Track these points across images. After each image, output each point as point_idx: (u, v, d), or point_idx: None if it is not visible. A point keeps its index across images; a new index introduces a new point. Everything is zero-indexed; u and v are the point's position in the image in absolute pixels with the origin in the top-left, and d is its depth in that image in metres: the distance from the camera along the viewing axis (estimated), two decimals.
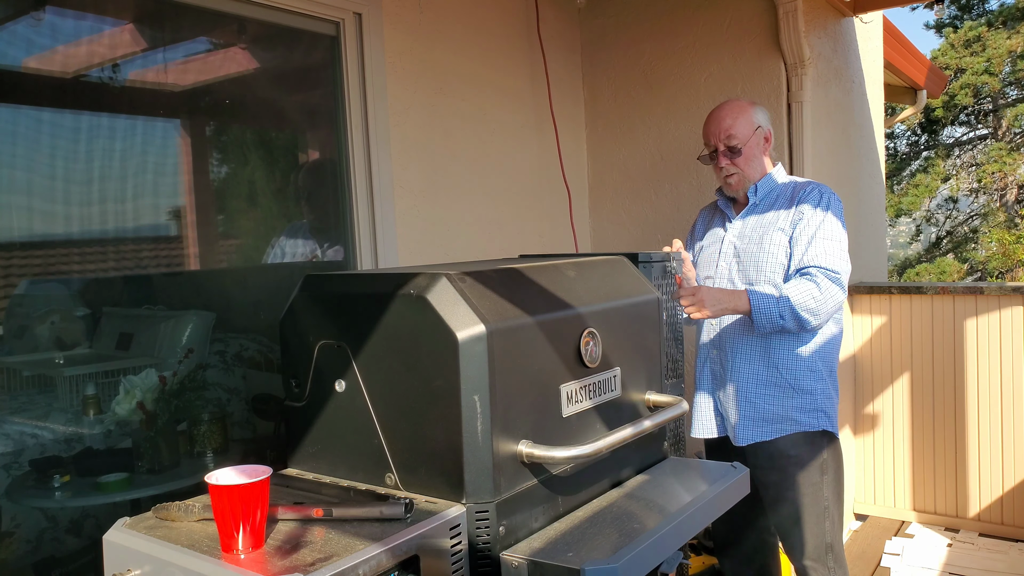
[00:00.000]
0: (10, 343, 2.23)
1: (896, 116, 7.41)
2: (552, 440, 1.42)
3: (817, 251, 2.18)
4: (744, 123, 2.32)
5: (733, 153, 2.31)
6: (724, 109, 2.36)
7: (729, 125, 2.31)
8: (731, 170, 2.33)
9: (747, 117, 2.33)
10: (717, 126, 2.33)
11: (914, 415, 3.89)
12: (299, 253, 2.83)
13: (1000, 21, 14.25)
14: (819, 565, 2.31)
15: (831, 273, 2.15)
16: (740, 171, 2.32)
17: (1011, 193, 14.62)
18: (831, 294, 2.13)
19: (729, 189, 2.38)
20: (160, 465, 2.34)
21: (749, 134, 2.32)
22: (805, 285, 2.13)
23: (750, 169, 2.33)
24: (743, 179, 2.34)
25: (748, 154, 2.32)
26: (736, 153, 2.31)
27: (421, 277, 1.36)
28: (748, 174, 2.33)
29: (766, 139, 2.37)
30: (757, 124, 2.34)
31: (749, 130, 2.32)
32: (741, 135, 2.31)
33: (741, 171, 2.32)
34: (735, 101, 2.39)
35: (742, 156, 2.31)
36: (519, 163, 3.51)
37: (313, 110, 2.91)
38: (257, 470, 1.18)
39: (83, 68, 2.30)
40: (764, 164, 2.37)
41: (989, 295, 3.65)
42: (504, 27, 3.45)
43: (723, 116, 2.34)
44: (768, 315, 2.12)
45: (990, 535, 3.72)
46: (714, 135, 2.34)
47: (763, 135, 2.36)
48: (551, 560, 1.27)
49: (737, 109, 2.34)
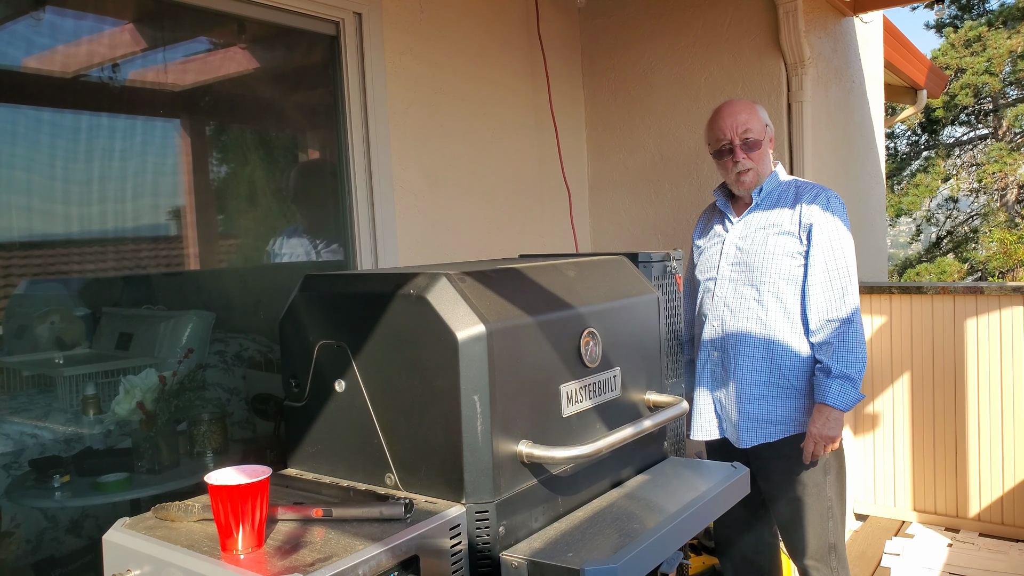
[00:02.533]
0: (10, 343, 2.23)
1: (896, 116, 7.42)
2: (552, 440, 1.42)
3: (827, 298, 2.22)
4: (757, 119, 2.36)
5: (750, 147, 2.32)
6: (737, 104, 2.38)
7: (746, 119, 2.33)
8: (747, 164, 2.32)
9: (758, 114, 2.37)
10: (733, 120, 2.34)
11: (914, 415, 3.89)
12: (299, 253, 2.83)
13: (1000, 21, 14.24)
14: (822, 565, 2.31)
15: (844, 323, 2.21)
16: (755, 166, 2.33)
17: (1011, 193, 14.61)
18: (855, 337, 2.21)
19: (741, 187, 2.36)
20: (160, 465, 2.34)
21: (762, 129, 2.35)
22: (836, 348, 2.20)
23: (763, 165, 2.35)
24: (757, 174, 2.34)
25: (763, 149, 2.35)
26: (754, 147, 2.32)
27: (421, 277, 1.36)
28: (762, 170, 2.34)
29: (771, 139, 2.40)
30: (766, 122, 2.39)
31: (762, 126, 2.36)
32: (757, 129, 2.33)
33: (756, 166, 2.33)
34: (742, 100, 2.41)
35: (759, 150, 2.33)
36: (519, 163, 3.51)
37: (313, 110, 2.91)
38: (257, 470, 1.18)
39: (83, 68, 2.30)
40: (771, 163, 2.39)
41: (989, 295, 3.64)
42: (504, 27, 3.44)
43: (738, 111, 2.35)
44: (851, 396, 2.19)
45: (990, 535, 3.71)
46: (730, 129, 2.33)
47: (770, 134, 2.39)
48: (551, 560, 1.27)
49: (749, 105, 2.38)
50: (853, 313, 2.21)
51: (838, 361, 2.17)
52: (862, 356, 2.19)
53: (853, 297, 2.22)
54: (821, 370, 2.21)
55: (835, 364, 2.17)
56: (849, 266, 2.23)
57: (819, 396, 2.19)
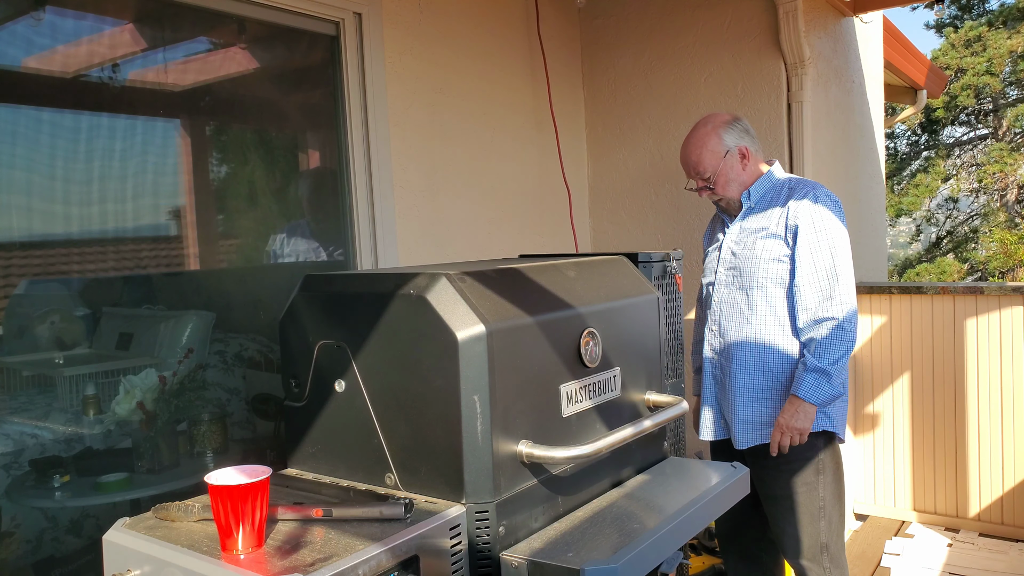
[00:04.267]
0: (10, 343, 2.23)
1: (896, 116, 7.41)
2: (552, 440, 1.42)
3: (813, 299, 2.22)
4: (709, 154, 2.32)
5: (709, 182, 2.36)
6: (689, 144, 2.37)
7: (696, 161, 2.35)
8: (714, 197, 2.40)
9: (712, 146, 2.33)
10: (686, 162, 2.39)
11: (914, 415, 3.89)
12: (299, 253, 2.83)
13: (1000, 21, 14.24)
14: (814, 565, 2.31)
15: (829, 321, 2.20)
16: (721, 195, 2.37)
17: (1012, 193, 14.60)
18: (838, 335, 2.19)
19: (723, 210, 2.45)
20: (160, 465, 2.34)
21: (718, 163, 2.33)
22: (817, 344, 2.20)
23: (730, 191, 2.36)
24: (728, 200, 2.39)
25: (723, 181, 2.34)
26: (712, 181, 2.35)
27: (421, 277, 1.36)
28: (732, 190, 2.36)
29: (743, 155, 2.34)
30: (726, 148, 2.33)
31: (717, 159, 2.32)
32: (710, 166, 2.33)
33: (722, 195, 2.37)
34: (700, 128, 2.37)
35: (718, 184, 2.35)
36: (519, 163, 3.51)
37: (313, 110, 2.91)
38: (257, 470, 1.18)
39: (83, 68, 2.30)
40: (748, 176, 2.35)
41: (989, 295, 3.64)
42: (504, 27, 3.44)
43: (689, 152, 2.37)
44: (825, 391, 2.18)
45: (990, 535, 3.71)
46: (687, 171, 2.41)
47: (736, 154, 2.33)
48: (551, 560, 1.27)
49: (701, 140, 2.34)
50: (840, 311, 2.19)
51: (817, 356, 2.19)
52: (843, 353, 2.18)
53: (842, 295, 2.20)
54: (801, 364, 2.23)
55: (814, 359, 2.19)
56: (837, 264, 2.21)
57: (794, 388, 2.22)
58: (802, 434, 2.21)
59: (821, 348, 2.19)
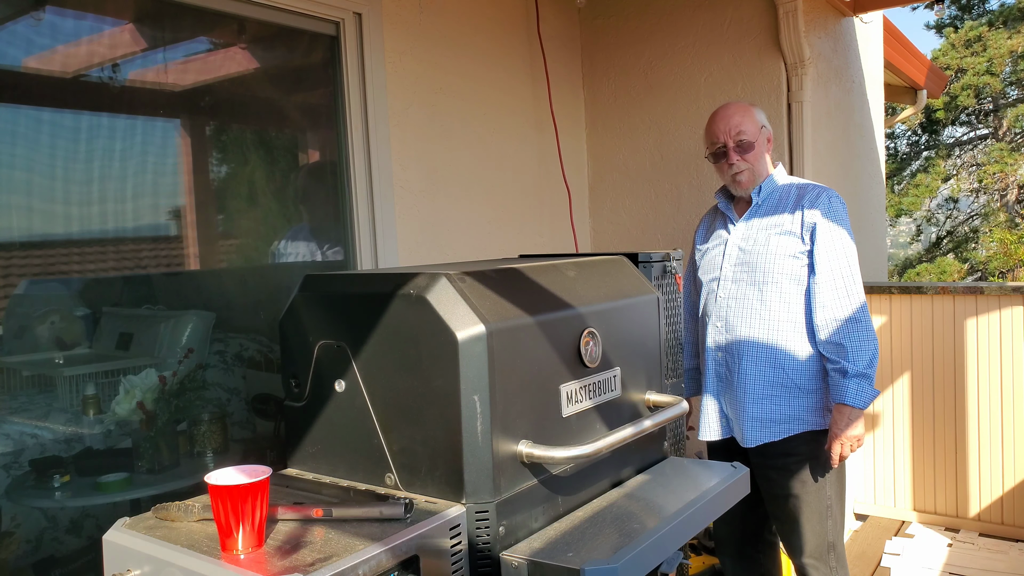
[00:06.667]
0: (10, 343, 2.23)
1: (896, 116, 7.41)
2: (552, 440, 1.42)
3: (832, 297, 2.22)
4: (751, 121, 2.36)
5: (744, 149, 2.34)
6: (731, 107, 2.39)
7: (739, 122, 2.35)
8: (742, 166, 2.35)
9: (753, 116, 2.38)
10: (727, 123, 2.36)
11: (914, 415, 3.88)
12: (300, 253, 2.83)
13: (1001, 21, 14.25)
14: (821, 564, 2.31)
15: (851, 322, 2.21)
16: (751, 166, 2.35)
17: (1012, 193, 14.61)
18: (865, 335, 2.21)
19: (739, 187, 2.38)
20: (160, 465, 2.34)
21: (757, 131, 2.36)
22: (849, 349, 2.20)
23: (760, 165, 2.36)
24: (753, 175, 2.36)
25: (758, 151, 2.36)
26: (747, 148, 2.34)
27: (421, 277, 1.36)
28: (758, 169, 2.36)
29: (768, 139, 2.41)
30: (762, 124, 2.39)
31: (756, 127, 2.37)
32: (750, 131, 2.35)
33: (752, 167, 2.35)
34: (738, 102, 2.42)
35: (753, 151, 2.34)
36: (519, 163, 3.51)
37: (313, 110, 2.91)
38: (257, 470, 1.18)
39: (83, 68, 2.29)
40: (768, 164, 2.39)
41: (989, 295, 3.64)
42: (504, 27, 3.44)
43: (731, 113, 2.37)
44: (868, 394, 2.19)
45: (990, 535, 3.71)
46: (723, 132, 2.36)
47: (767, 135, 2.40)
48: (551, 560, 1.27)
49: (744, 107, 2.39)
50: (859, 311, 2.21)
51: (853, 361, 2.18)
52: (874, 352, 2.20)
53: (858, 295, 2.23)
54: (837, 371, 2.21)
55: (850, 364, 2.18)
56: (852, 265, 2.24)
57: (837, 397, 2.20)
58: (860, 441, 2.22)
59: (855, 352, 2.18)
